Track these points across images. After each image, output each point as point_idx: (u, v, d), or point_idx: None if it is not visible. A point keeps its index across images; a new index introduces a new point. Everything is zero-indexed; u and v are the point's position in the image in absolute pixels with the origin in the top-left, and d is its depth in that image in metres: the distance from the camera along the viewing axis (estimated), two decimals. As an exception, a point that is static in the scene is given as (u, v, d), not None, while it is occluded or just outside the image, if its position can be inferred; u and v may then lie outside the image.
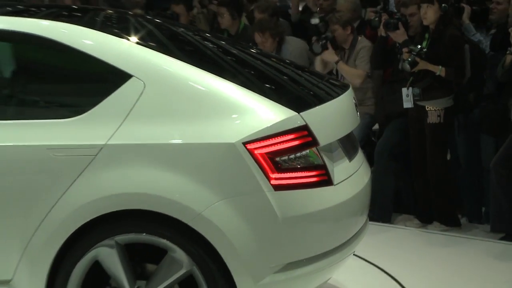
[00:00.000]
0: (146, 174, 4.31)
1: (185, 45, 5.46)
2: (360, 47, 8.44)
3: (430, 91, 7.56)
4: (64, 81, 4.97)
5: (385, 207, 8.21)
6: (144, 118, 4.37)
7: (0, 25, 4.87)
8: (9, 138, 4.51)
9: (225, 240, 4.20)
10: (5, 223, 4.51)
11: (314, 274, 4.50)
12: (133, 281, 4.43)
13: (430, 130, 7.62)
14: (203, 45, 5.64)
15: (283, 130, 4.21)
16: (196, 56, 5.15)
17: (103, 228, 4.38)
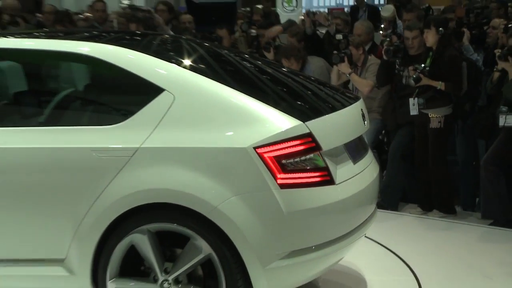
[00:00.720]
0: (172, 172, 4.42)
1: (215, 63, 5.40)
2: (370, 64, 8.52)
3: (432, 101, 7.67)
4: (109, 93, 5.16)
5: (394, 197, 8.25)
6: (172, 125, 4.50)
7: (65, 48, 5.07)
8: (63, 141, 4.63)
9: (237, 230, 4.27)
10: (59, 212, 4.62)
11: (319, 260, 4.52)
12: (162, 263, 4.51)
13: (432, 134, 7.77)
14: (230, 63, 5.66)
15: (289, 137, 4.28)
16: (221, 72, 5.18)
17: (137, 217, 4.50)
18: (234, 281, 4.33)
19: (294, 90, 5.35)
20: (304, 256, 4.38)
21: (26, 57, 5.32)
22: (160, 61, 4.79)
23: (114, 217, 4.46)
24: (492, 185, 7.41)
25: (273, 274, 4.34)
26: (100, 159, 4.51)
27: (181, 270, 4.44)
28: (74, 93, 5.35)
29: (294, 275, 4.49)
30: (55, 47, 5.14)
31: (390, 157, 8.31)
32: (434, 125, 7.71)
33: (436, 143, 7.81)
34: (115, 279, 4.57)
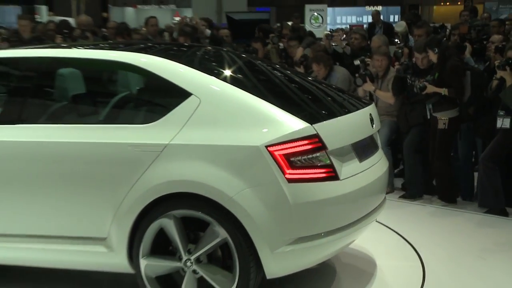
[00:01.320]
0: (195, 166, 4.46)
1: (240, 71, 5.43)
2: (390, 76, 8.41)
3: (439, 105, 7.70)
4: (146, 96, 5.33)
5: (418, 188, 8.26)
6: (197, 125, 4.54)
7: (110, 58, 5.28)
8: (107, 137, 4.76)
9: (249, 218, 4.29)
10: (102, 197, 4.73)
11: (326, 245, 4.51)
12: (186, 244, 4.56)
13: (438, 133, 7.74)
14: (255, 71, 5.59)
15: (297, 137, 4.30)
16: (244, 79, 5.21)
17: (165, 204, 4.56)
18: (247, 262, 4.36)
19: (308, 96, 5.35)
20: (311, 242, 4.37)
21: (81, 64, 5.47)
22: (189, 69, 4.85)
23: (146, 203, 4.55)
24: (488, 178, 7.37)
25: (280, 257, 4.35)
26: (136, 153, 4.61)
27: (202, 251, 4.48)
28: (117, 96, 5.46)
29: (302, 258, 4.49)
30: (103, 56, 5.34)
31: (406, 153, 8.29)
32: (440, 126, 7.71)
33: (441, 142, 7.77)
34: (147, 256, 4.63)
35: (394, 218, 6.98)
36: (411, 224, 7.06)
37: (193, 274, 4.52)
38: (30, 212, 4.97)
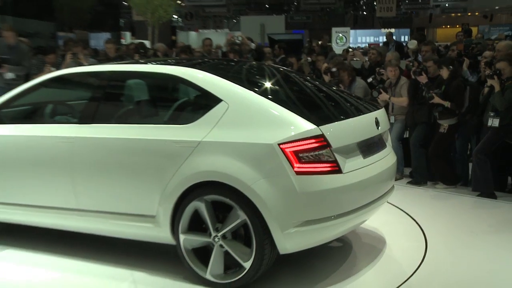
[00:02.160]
0: (221, 159, 4.46)
1: (267, 81, 5.29)
2: (402, 83, 8.33)
3: (441, 114, 7.70)
4: (188, 101, 5.30)
5: (422, 176, 8.14)
6: (224, 126, 4.55)
7: (161, 71, 5.32)
8: (155, 134, 4.84)
9: (263, 203, 4.27)
10: (153, 182, 4.76)
11: (330, 228, 4.43)
12: (214, 223, 4.56)
13: (438, 135, 7.84)
14: (281, 81, 5.43)
15: (305, 137, 4.25)
16: (268, 87, 5.07)
17: (198, 190, 4.58)
18: (262, 240, 4.32)
19: (321, 101, 5.25)
20: (316, 225, 4.31)
21: (142, 77, 5.56)
22: (221, 79, 4.82)
23: (184, 189, 4.58)
24: (480, 168, 7.26)
25: (290, 237, 4.29)
26: (177, 148, 4.65)
27: (226, 229, 4.47)
28: (167, 101, 5.54)
29: (309, 238, 4.43)
30: (156, 70, 5.40)
31: (412, 146, 8.13)
32: (441, 130, 7.73)
33: (438, 142, 7.80)
34: (185, 232, 4.66)
35: (402, 199, 6.90)
36: (416, 204, 6.96)
37: (220, 248, 4.51)
38: (102, 194, 5.09)
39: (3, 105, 5.69)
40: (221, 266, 4.56)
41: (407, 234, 5.93)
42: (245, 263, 4.41)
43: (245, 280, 4.44)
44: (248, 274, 4.42)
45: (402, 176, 8.29)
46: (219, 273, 4.56)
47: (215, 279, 4.54)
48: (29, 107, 5.94)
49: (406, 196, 7.26)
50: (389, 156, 5.22)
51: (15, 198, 5.53)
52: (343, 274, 4.87)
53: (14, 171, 5.50)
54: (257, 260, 4.36)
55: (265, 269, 4.46)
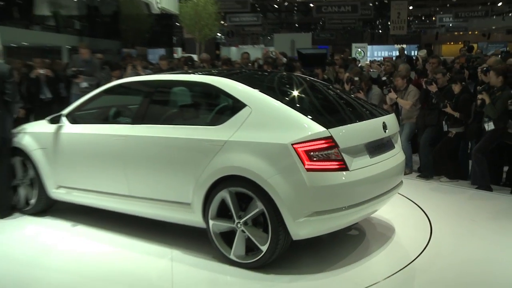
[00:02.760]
0: (243, 156, 4.43)
1: (288, 88, 5.33)
2: (410, 90, 8.22)
3: (451, 122, 7.65)
4: (219, 106, 5.16)
5: (430, 171, 7.98)
6: (247, 128, 4.51)
7: (199, 79, 5.31)
8: (187, 134, 4.86)
9: (277, 195, 4.24)
10: (189, 174, 4.76)
11: (338, 218, 4.33)
12: (238, 211, 4.53)
13: (446, 139, 7.75)
14: (302, 88, 5.31)
15: (316, 138, 4.19)
16: (287, 94, 5.05)
17: (224, 183, 4.56)
18: (276, 227, 4.29)
19: (334, 107, 5.15)
20: (325, 215, 4.24)
21: (183, 84, 5.49)
22: (247, 87, 4.78)
23: (213, 181, 4.58)
24: (478, 165, 7.16)
25: (301, 225, 4.24)
26: (208, 145, 4.64)
27: (247, 217, 4.45)
28: (203, 105, 5.54)
29: (318, 226, 4.33)
30: (194, 79, 5.33)
31: (421, 146, 8.02)
32: (449, 135, 7.68)
33: (446, 144, 7.73)
34: (213, 218, 4.66)
35: (411, 191, 6.83)
36: (423, 195, 6.86)
37: (242, 233, 4.50)
38: (148, 183, 5.16)
39: (76, 109, 5.91)
40: (243, 248, 4.55)
41: (414, 221, 5.87)
42: (262, 247, 4.40)
43: (262, 261, 4.43)
44: (264, 256, 4.40)
45: (411, 171, 8.19)
46: (241, 254, 4.54)
47: (237, 259, 4.54)
48: (95, 110, 6.07)
49: (415, 188, 7.17)
50: (397, 156, 5.07)
51: (84, 185, 5.71)
52: (357, 256, 4.83)
53: (84, 163, 5.65)
54: (273, 244, 4.34)
55: (279, 253, 4.43)
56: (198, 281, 4.44)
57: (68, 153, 5.78)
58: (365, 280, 4.31)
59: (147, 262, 4.82)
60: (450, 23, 42.77)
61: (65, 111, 5.95)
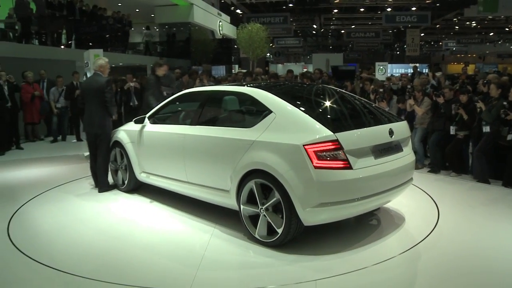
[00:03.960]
0: (266, 154, 4.30)
1: (310, 97, 5.09)
2: (424, 101, 7.97)
3: (460, 127, 7.33)
4: (251, 112, 5.02)
5: (438, 166, 7.65)
6: (271, 130, 4.37)
7: (238, 90, 5.21)
8: (227, 134, 4.80)
9: (290, 187, 4.09)
10: (228, 167, 4.69)
11: (342, 209, 4.10)
12: (261, 199, 4.42)
13: (454, 140, 7.41)
14: (324, 97, 5.08)
15: (324, 140, 4.01)
16: (308, 103, 4.83)
17: (252, 175, 4.45)
18: (289, 214, 4.15)
19: (345, 114, 4.83)
20: (331, 206, 4.04)
21: (227, 94, 5.39)
22: (274, 96, 4.62)
23: (243, 173, 4.49)
24: (478, 162, 6.89)
25: (309, 213, 4.06)
26: (240, 144, 4.56)
27: (267, 204, 4.33)
28: (240, 112, 5.33)
29: (325, 215, 4.11)
30: (236, 90, 5.24)
31: (431, 146, 7.76)
32: (458, 137, 7.35)
33: (455, 145, 7.38)
34: (244, 203, 4.57)
35: (422, 182, 6.66)
36: (432, 186, 6.62)
37: (264, 217, 4.39)
38: (200, 172, 5.14)
39: (155, 112, 6.10)
40: (265, 230, 4.43)
41: (425, 206, 5.67)
42: (279, 229, 4.27)
43: (278, 241, 4.30)
44: (280, 238, 4.27)
45: (423, 166, 7.92)
46: (263, 234, 4.44)
47: (260, 238, 4.44)
48: (169, 113, 6.15)
49: (425, 180, 6.93)
50: (405, 157, 4.73)
51: (158, 171, 5.87)
52: (376, 235, 4.68)
53: (157, 154, 5.80)
54: (286, 228, 4.20)
55: (293, 235, 4.27)
56: (227, 251, 4.39)
57: (148, 146, 5.95)
58: (384, 255, 4.17)
59: (195, 235, 4.83)
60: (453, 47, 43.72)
61: (148, 114, 6.13)
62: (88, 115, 6.41)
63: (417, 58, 33.96)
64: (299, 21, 36.63)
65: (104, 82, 6.33)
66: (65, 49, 15.45)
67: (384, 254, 4.20)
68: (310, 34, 45.38)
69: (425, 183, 6.75)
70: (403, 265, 4.03)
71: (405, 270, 3.95)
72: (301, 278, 3.72)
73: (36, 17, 14.33)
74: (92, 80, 6.46)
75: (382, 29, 34.96)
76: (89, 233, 4.92)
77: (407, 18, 27.52)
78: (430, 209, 5.55)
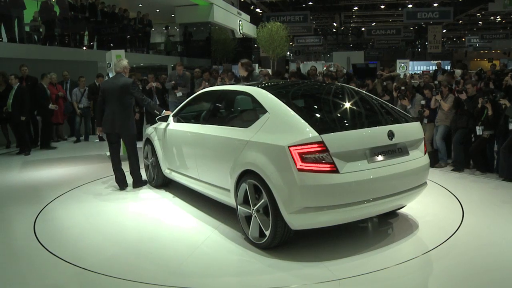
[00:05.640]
0: (256, 155, 4.17)
1: (309, 97, 4.91)
2: (449, 97, 7.82)
3: (486, 127, 7.16)
4: (249, 111, 4.99)
5: (461, 165, 7.50)
6: (264, 131, 4.23)
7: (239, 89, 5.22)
8: (227, 133, 4.78)
9: (275, 190, 3.93)
10: (227, 166, 4.63)
11: (333, 214, 3.85)
12: (254, 200, 4.31)
13: (481, 139, 7.24)
14: (322, 97, 4.91)
15: (308, 142, 3.79)
16: (301, 103, 4.66)
17: (246, 175, 4.34)
18: (276, 216, 3.99)
19: (341, 114, 4.50)
20: (316, 211, 3.82)
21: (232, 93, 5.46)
22: (272, 96, 4.46)
23: (239, 173, 4.39)
24: (505, 160, 6.73)
25: (294, 217, 3.89)
26: (236, 144, 4.50)
27: (257, 205, 4.22)
28: (241, 111, 5.27)
29: (311, 220, 3.89)
30: (239, 89, 5.17)
31: (454, 144, 7.57)
32: (484, 136, 7.17)
33: (480, 144, 7.23)
34: (240, 204, 4.50)
35: (446, 181, 6.58)
36: (456, 185, 6.51)
37: (255, 218, 4.28)
38: (208, 171, 5.17)
39: (179, 111, 6.28)
40: (256, 231, 4.32)
41: (449, 205, 5.56)
42: (266, 232, 4.16)
43: (266, 244, 4.18)
44: (267, 240, 4.15)
45: (446, 164, 7.77)
46: (255, 236, 4.33)
47: (252, 239, 4.35)
48: (189, 112, 6.23)
49: (449, 179, 6.83)
50: (412, 162, 4.32)
51: (177, 168, 6.02)
52: (397, 236, 4.58)
53: (176, 151, 5.93)
54: (273, 230, 4.06)
55: (281, 239, 4.12)
56: (223, 249, 4.36)
57: (170, 143, 6.09)
58: (407, 255, 4.10)
59: (200, 231, 4.85)
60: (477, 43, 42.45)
61: (173, 113, 6.29)
62: (110, 116, 6.41)
63: (439, 55, 33.50)
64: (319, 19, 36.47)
65: (130, 83, 6.40)
66: (87, 50, 15.66)
67: (407, 253, 4.13)
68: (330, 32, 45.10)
69: (449, 181, 6.64)
70: (427, 265, 3.94)
71: (429, 269, 3.87)
72: (323, 278, 3.65)
73: (60, 19, 14.56)
74: (115, 81, 6.46)
75: (403, 26, 34.54)
76: (111, 231, 4.97)
77: (429, 15, 27.14)
78: (454, 207, 5.44)
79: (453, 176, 7.11)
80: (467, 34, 44.82)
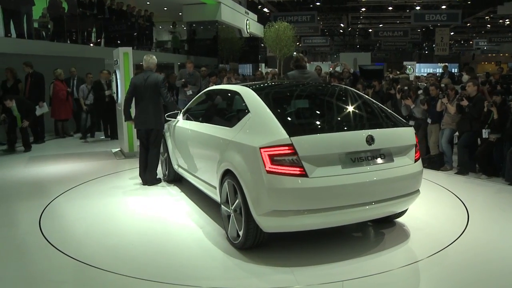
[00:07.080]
0: (234, 154, 4.16)
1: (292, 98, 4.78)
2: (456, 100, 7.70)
3: (492, 131, 7.11)
4: (235, 110, 4.96)
5: (466, 168, 7.46)
6: (244, 131, 4.20)
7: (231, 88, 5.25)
8: (212, 132, 4.89)
9: (247, 190, 3.90)
10: (212, 163, 4.68)
11: (302, 219, 3.71)
12: (232, 200, 4.28)
13: (488, 143, 7.20)
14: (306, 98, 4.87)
15: (277, 144, 3.70)
16: (281, 104, 4.51)
17: (227, 175, 4.29)
18: (248, 217, 3.94)
19: (317, 117, 4.43)
20: (284, 215, 3.72)
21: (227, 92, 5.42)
22: (256, 96, 4.41)
23: (222, 172, 4.37)
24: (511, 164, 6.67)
25: (263, 220, 3.82)
26: (221, 142, 4.52)
27: (234, 205, 4.22)
28: (229, 110, 5.25)
29: (279, 224, 3.78)
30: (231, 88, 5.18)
31: (459, 147, 7.55)
32: (490, 139, 7.12)
33: (487, 147, 7.18)
34: (223, 203, 4.49)
35: (451, 184, 6.55)
36: (461, 188, 6.48)
37: (233, 218, 4.25)
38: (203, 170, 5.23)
39: (188, 108, 6.32)
40: (234, 231, 4.26)
41: (453, 209, 5.53)
42: (240, 232, 4.12)
43: (240, 244, 4.14)
44: (240, 241, 4.12)
45: (451, 167, 7.74)
46: (233, 236, 4.28)
47: (230, 239, 4.34)
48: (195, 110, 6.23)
49: (455, 182, 6.81)
50: (398, 169, 4.06)
51: (182, 163, 6.15)
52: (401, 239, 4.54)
53: (180, 147, 6.11)
54: (245, 231, 4.00)
55: (254, 240, 4.05)
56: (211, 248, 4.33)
57: (177, 140, 6.25)
58: (412, 258, 4.08)
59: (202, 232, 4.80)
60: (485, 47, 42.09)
61: (183, 110, 6.39)
62: (144, 112, 6.54)
63: (446, 57, 33.37)
64: (326, 20, 36.42)
65: (161, 80, 6.59)
66: (94, 47, 15.70)
67: (412, 256, 4.11)
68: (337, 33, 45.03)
69: (454, 185, 6.61)
70: (431, 268, 3.91)
71: (434, 273, 3.84)
72: (327, 279, 3.61)
73: (68, 16, 14.61)
74: (147, 77, 6.57)
75: (410, 28, 34.43)
76: (116, 228, 4.98)
77: (436, 17, 27.04)
78: (459, 211, 5.42)
79: (458, 179, 7.08)
80: (475, 37, 44.55)
